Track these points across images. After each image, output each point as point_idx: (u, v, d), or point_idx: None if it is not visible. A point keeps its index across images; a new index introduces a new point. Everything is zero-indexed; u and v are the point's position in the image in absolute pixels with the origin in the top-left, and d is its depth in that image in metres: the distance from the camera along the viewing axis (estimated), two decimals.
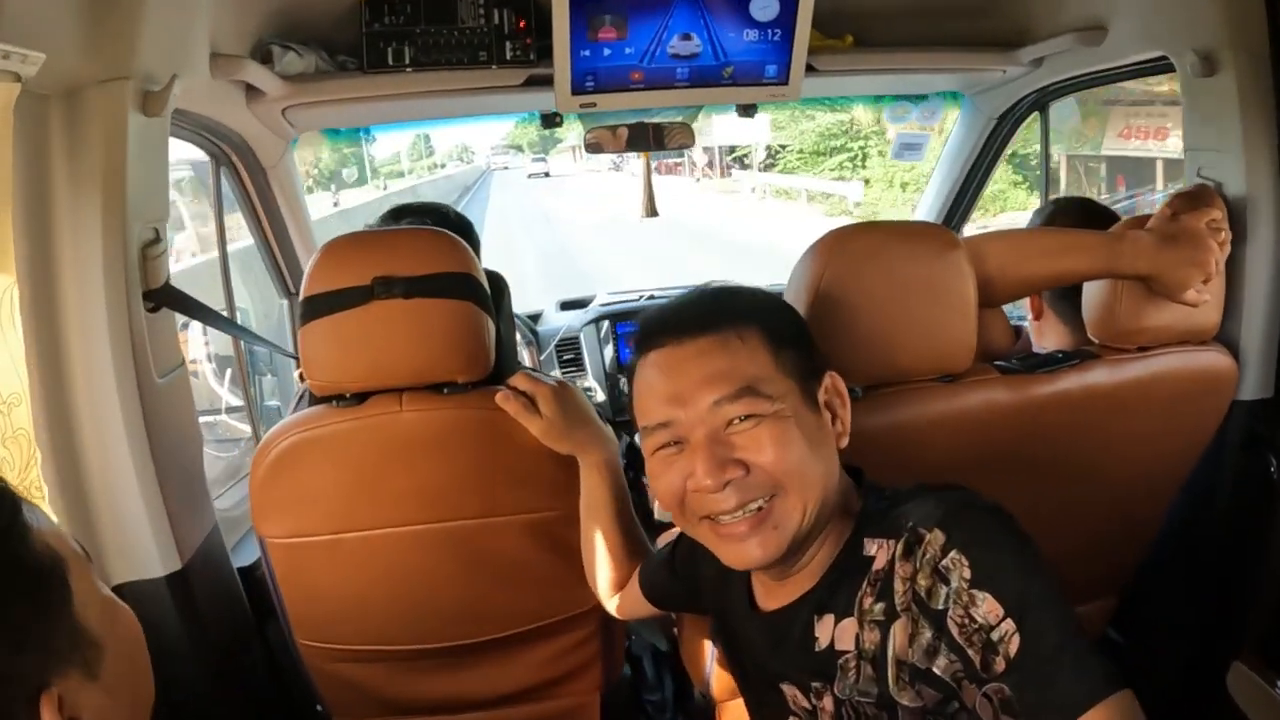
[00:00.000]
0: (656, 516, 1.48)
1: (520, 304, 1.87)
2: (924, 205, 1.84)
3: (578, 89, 1.19)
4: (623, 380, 1.67)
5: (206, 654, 0.98)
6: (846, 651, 0.60)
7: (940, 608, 0.54)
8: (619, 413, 1.64)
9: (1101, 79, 1.41)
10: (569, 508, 0.92)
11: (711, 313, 0.64)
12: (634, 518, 0.93)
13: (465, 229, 1.17)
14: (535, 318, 1.84)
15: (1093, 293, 1.01)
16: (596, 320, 1.73)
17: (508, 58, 1.21)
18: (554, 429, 0.84)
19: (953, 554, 0.54)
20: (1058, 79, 1.44)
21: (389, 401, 0.85)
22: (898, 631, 0.57)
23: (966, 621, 0.53)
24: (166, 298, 0.90)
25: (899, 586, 0.57)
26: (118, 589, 0.90)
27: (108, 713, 0.44)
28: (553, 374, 0.98)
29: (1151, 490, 1.16)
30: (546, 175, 19.27)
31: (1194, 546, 1.28)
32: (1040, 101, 1.55)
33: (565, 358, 1.72)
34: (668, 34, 1.18)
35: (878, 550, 0.60)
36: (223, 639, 1.02)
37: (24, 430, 0.70)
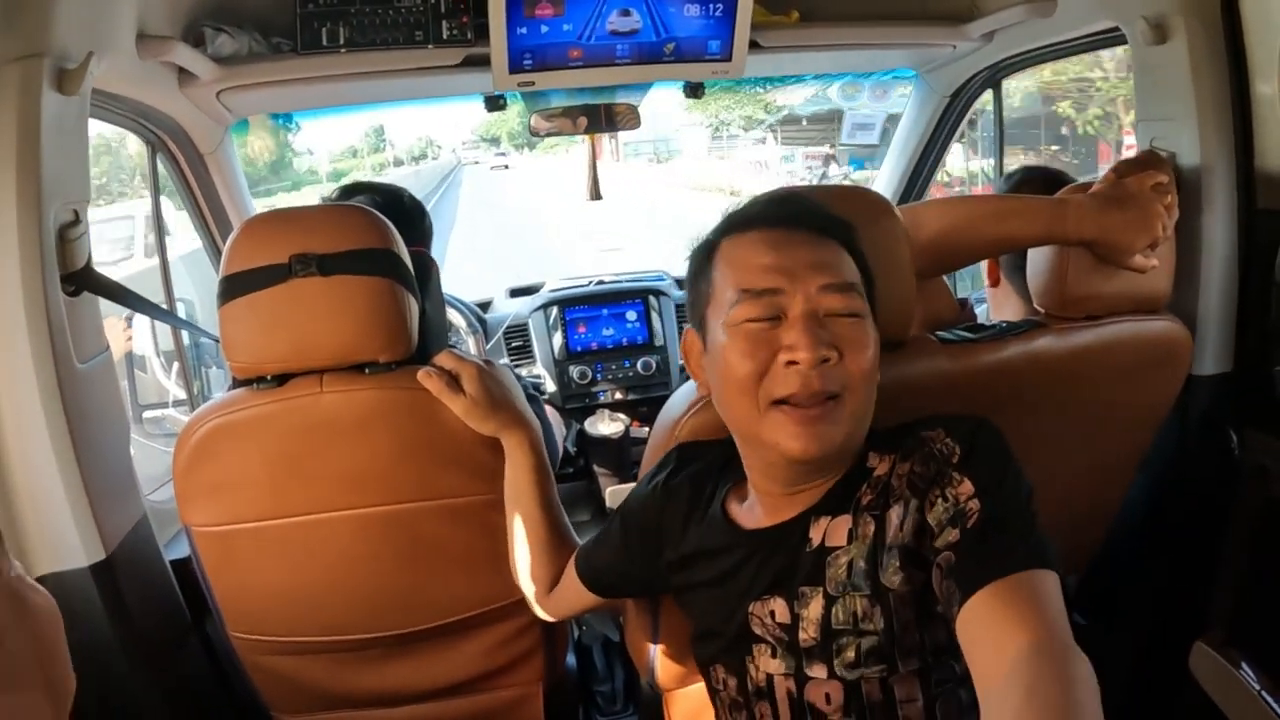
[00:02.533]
0: (609, 505, 1.51)
1: (474, 291, 1.91)
2: (878, 187, 1.88)
3: (515, 68, 1.22)
4: (572, 367, 1.71)
5: (138, 649, 0.99)
6: (837, 547, 0.65)
7: (927, 486, 0.62)
8: (569, 400, 1.67)
9: (1053, 53, 1.45)
10: (498, 492, 0.94)
11: (824, 218, 0.70)
12: (560, 506, 0.95)
13: (418, 213, 1.20)
14: (485, 306, 1.87)
15: (1038, 261, 1.03)
16: (545, 306, 1.76)
17: (444, 37, 1.24)
18: (477, 408, 0.86)
19: (948, 440, 0.63)
20: (1009, 54, 1.48)
21: (310, 383, 0.88)
22: (892, 516, 0.63)
23: (946, 499, 0.61)
24: (87, 281, 0.92)
25: (895, 483, 0.64)
26: (40, 580, 0.92)
27: (5, 709, 0.42)
28: (501, 361, 1.01)
29: (1110, 466, 1.18)
30: (506, 168, 20.94)
31: (1156, 525, 1.32)
32: (993, 78, 1.59)
33: (514, 345, 1.75)
34: (606, 9, 1.21)
35: (879, 462, 0.67)
36: (155, 632, 1.03)
37: None
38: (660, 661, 1.03)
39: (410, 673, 1.05)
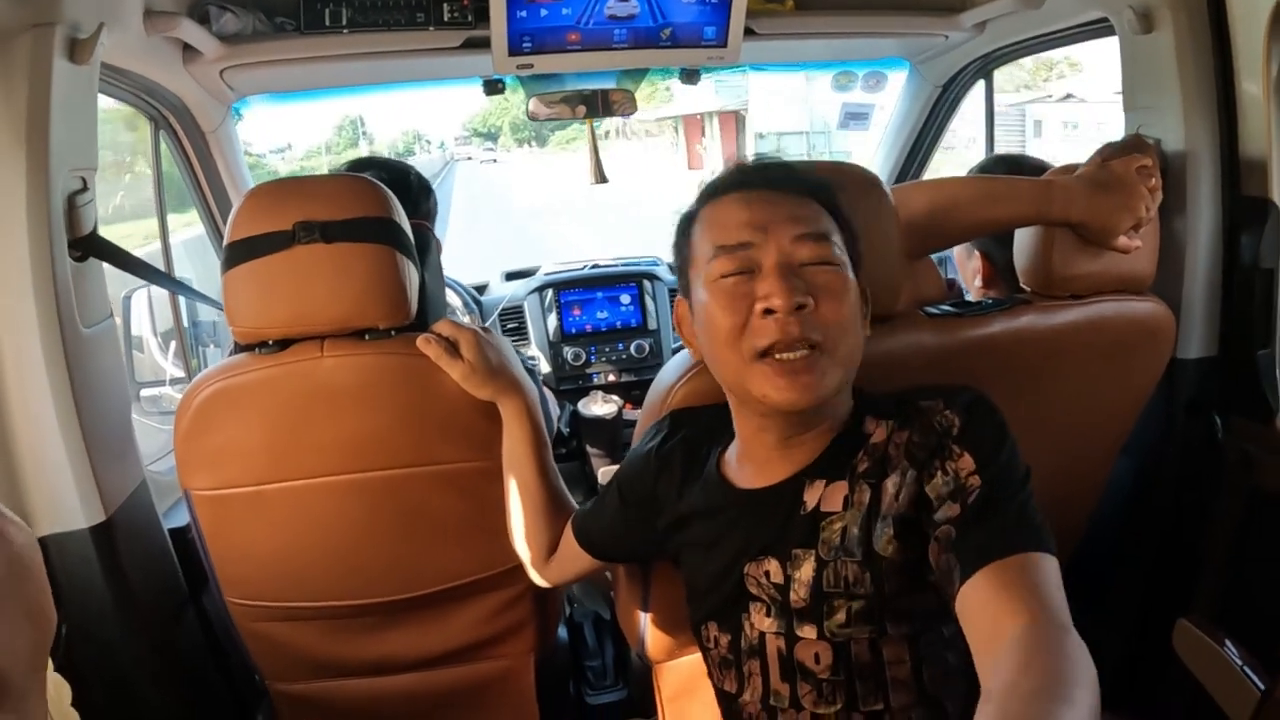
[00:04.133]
0: (601, 485, 1.54)
1: (470, 276, 1.94)
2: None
3: (515, 50, 1.26)
4: (567, 349, 1.75)
5: (136, 614, 1.02)
6: (832, 513, 0.68)
7: (927, 458, 0.65)
8: (563, 381, 1.71)
9: (1043, 44, 1.49)
10: (492, 460, 0.97)
11: (803, 178, 0.73)
12: (556, 472, 0.98)
13: (424, 192, 1.24)
14: (481, 289, 1.91)
15: (1024, 241, 1.06)
16: (540, 289, 1.81)
17: (445, 19, 1.27)
18: (475, 374, 0.90)
19: (948, 413, 0.66)
20: (1000, 45, 1.53)
21: (310, 348, 0.91)
22: (889, 486, 0.66)
23: (946, 473, 0.63)
24: (93, 247, 0.96)
25: (893, 452, 0.67)
26: (40, 541, 0.95)
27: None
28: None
29: (1095, 446, 1.21)
30: (495, 161, 21.92)
31: (1141, 507, 1.35)
32: (984, 69, 1.64)
33: (509, 327, 1.79)
34: None
35: (876, 428, 0.69)
36: (153, 599, 1.06)
37: None
38: (650, 633, 1.07)
39: (404, 641, 1.09)
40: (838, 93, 1.76)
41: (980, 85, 1.74)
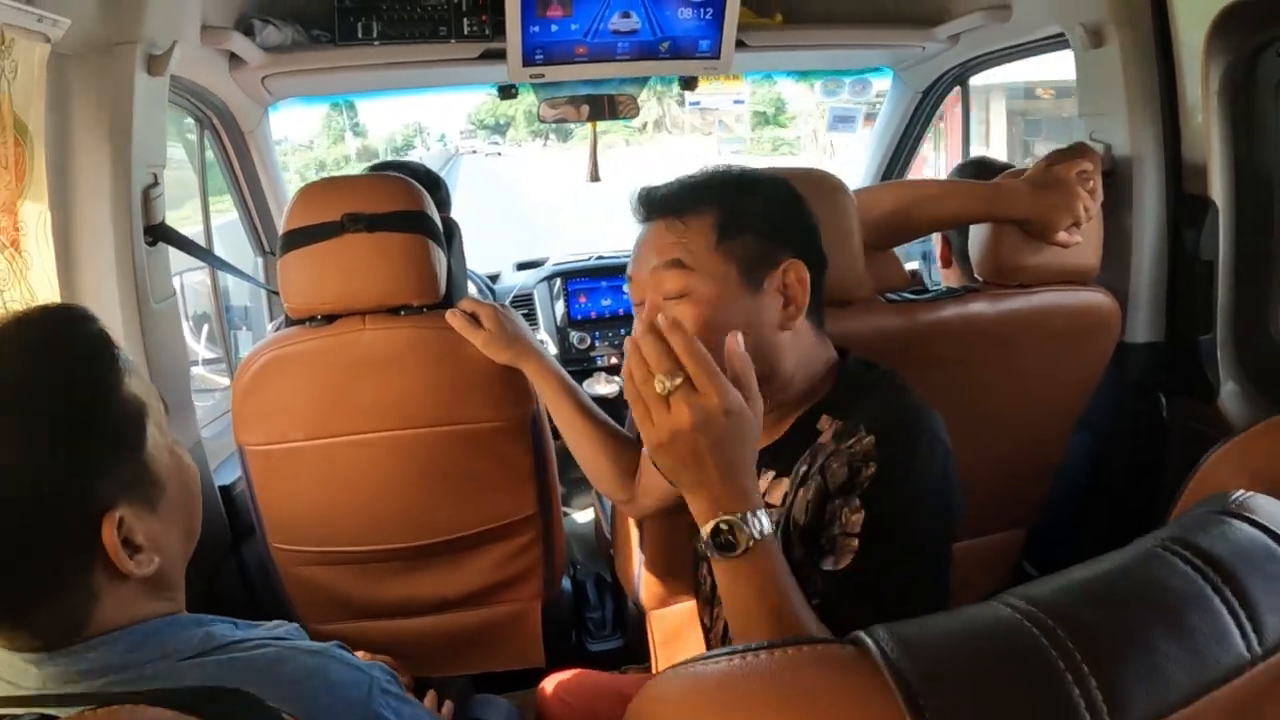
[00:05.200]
0: None
1: (483, 264, 2.11)
2: (859, 177, 2.09)
3: (528, 61, 1.43)
4: (573, 334, 1.92)
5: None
6: (773, 506, 0.75)
7: (833, 492, 0.68)
8: (569, 363, 1.88)
9: (1011, 55, 1.65)
10: (509, 420, 1.14)
11: (674, 197, 0.78)
12: (597, 407, 1.11)
13: (433, 184, 1.41)
14: (494, 278, 2.08)
15: (978, 235, 1.22)
16: (549, 278, 1.98)
17: (465, 33, 1.44)
18: (494, 341, 1.06)
19: (871, 465, 0.67)
20: (974, 55, 1.69)
21: (354, 322, 1.08)
22: (803, 494, 0.72)
23: (838, 517, 0.67)
24: (163, 234, 1.13)
25: (820, 460, 0.71)
26: None
27: (158, 538, 0.56)
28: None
29: (1050, 421, 1.36)
30: (499, 154, 22.30)
31: (1098, 480, 1.50)
32: (961, 76, 1.80)
33: (520, 313, 1.94)
34: (609, 11, 1.42)
35: (827, 426, 0.74)
36: (202, 547, 1.23)
37: None
38: (645, 583, 1.23)
39: (426, 584, 1.25)
40: (826, 98, 1.92)
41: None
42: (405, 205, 1.05)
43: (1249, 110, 1.32)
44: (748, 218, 0.76)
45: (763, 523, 0.61)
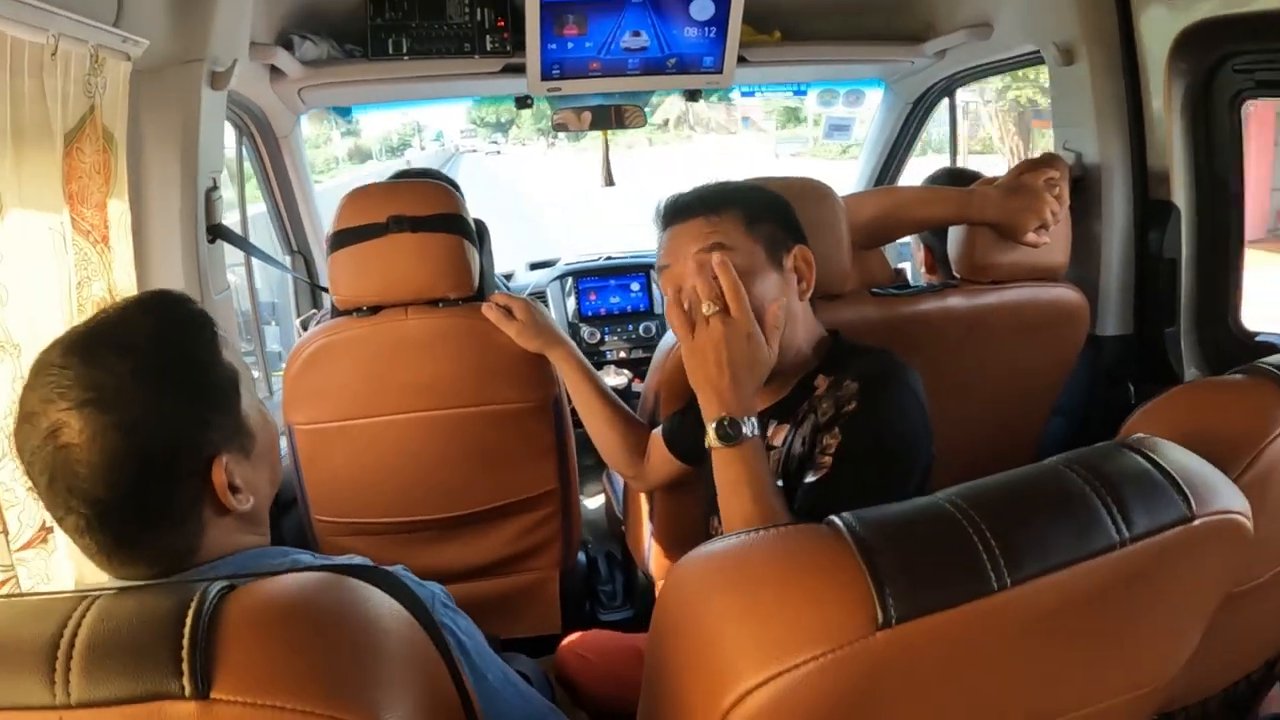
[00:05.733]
0: None
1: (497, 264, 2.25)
2: (856, 178, 2.24)
3: (546, 76, 1.57)
4: (584, 329, 2.06)
5: None
6: (774, 447, 0.92)
7: (821, 426, 0.83)
8: None
9: (993, 69, 1.81)
10: (534, 401, 1.27)
11: (703, 198, 0.94)
12: (612, 392, 1.26)
13: (455, 189, 1.55)
14: (508, 276, 2.23)
15: (954, 237, 1.36)
16: (561, 277, 2.13)
17: (488, 49, 1.59)
18: (526, 330, 1.20)
19: (853, 403, 0.82)
20: (960, 69, 1.84)
21: (397, 313, 1.21)
22: (799, 432, 0.88)
23: (819, 443, 0.82)
24: (221, 232, 1.27)
25: (817, 405, 0.87)
26: None
27: (251, 481, 0.66)
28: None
29: (1027, 405, 1.50)
30: (499, 153, 22.55)
31: None
32: (949, 88, 1.95)
33: (525, 297, 2.10)
34: (621, 31, 1.56)
35: (823, 383, 0.90)
36: None
37: None
38: (654, 554, 1.37)
39: (454, 553, 1.39)
40: (822, 108, 2.07)
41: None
42: (444, 208, 1.19)
43: (1208, 122, 1.48)
44: (765, 210, 0.94)
45: (754, 426, 0.81)
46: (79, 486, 0.56)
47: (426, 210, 1.18)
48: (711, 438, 0.82)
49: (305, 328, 1.77)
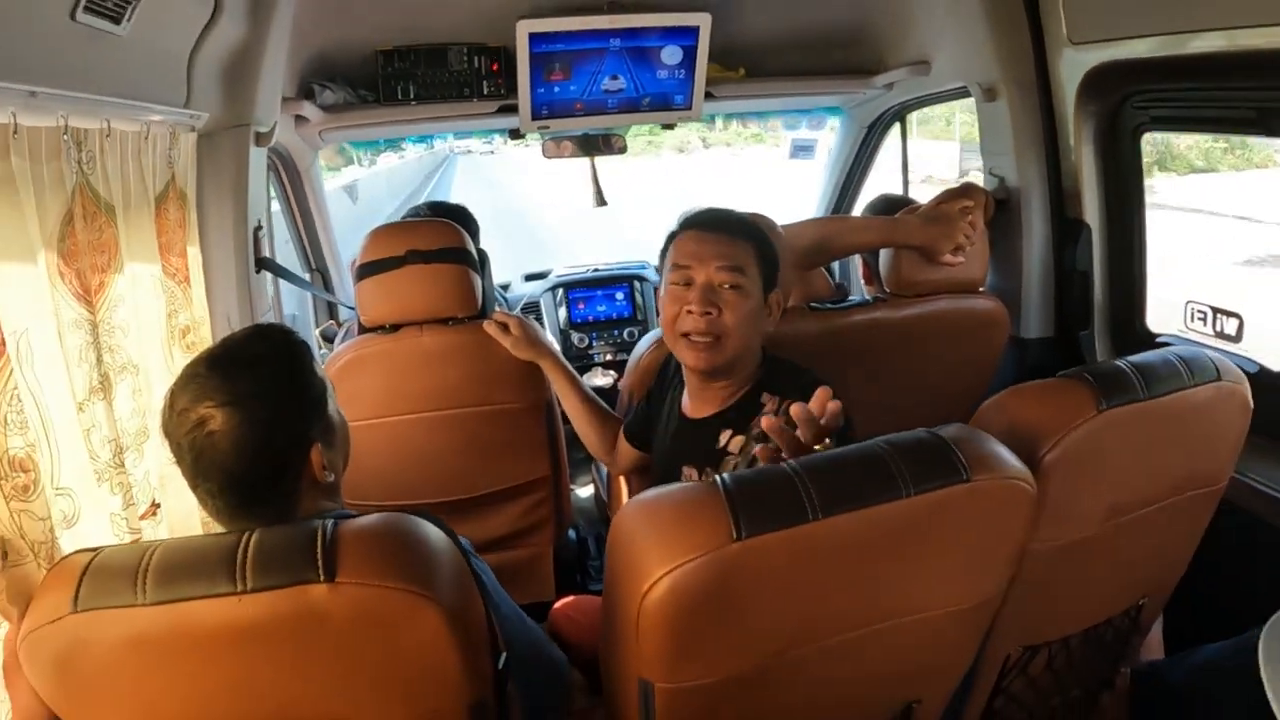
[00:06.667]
0: None
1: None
2: (817, 197, 2.56)
3: (535, 116, 1.87)
4: (574, 335, 2.38)
5: None
6: (732, 453, 1.16)
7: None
8: (571, 360, 2.31)
9: (935, 100, 2.11)
10: (527, 402, 1.59)
11: (736, 224, 1.19)
12: (592, 394, 1.57)
13: (468, 218, 1.86)
14: (505, 287, 2.55)
15: (884, 257, 1.66)
16: (553, 288, 2.45)
17: (484, 93, 1.89)
18: (520, 343, 1.50)
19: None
20: (907, 98, 2.14)
21: (413, 331, 1.52)
22: (756, 445, 1.13)
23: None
24: (266, 264, 1.58)
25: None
26: None
27: (334, 462, 0.91)
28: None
29: (954, 405, 1.75)
30: (492, 153, 22.88)
31: None
32: (900, 113, 2.25)
33: (521, 315, 2.41)
34: (601, 76, 1.86)
35: (769, 400, 1.16)
36: None
37: (207, 340, 1.37)
38: None
39: (462, 530, 1.64)
40: (787, 131, 2.37)
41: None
42: (453, 243, 1.50)
43: (1114, 151, 1.77)
44: (770, 253, 1.20)
45: None
46: (218, 462, 0.84)
47: (438, 244, 1.49)
48: None
49: (325, 338, 2.09)
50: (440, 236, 1.49)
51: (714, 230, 1.19)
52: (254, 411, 0.84)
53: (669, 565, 0.74)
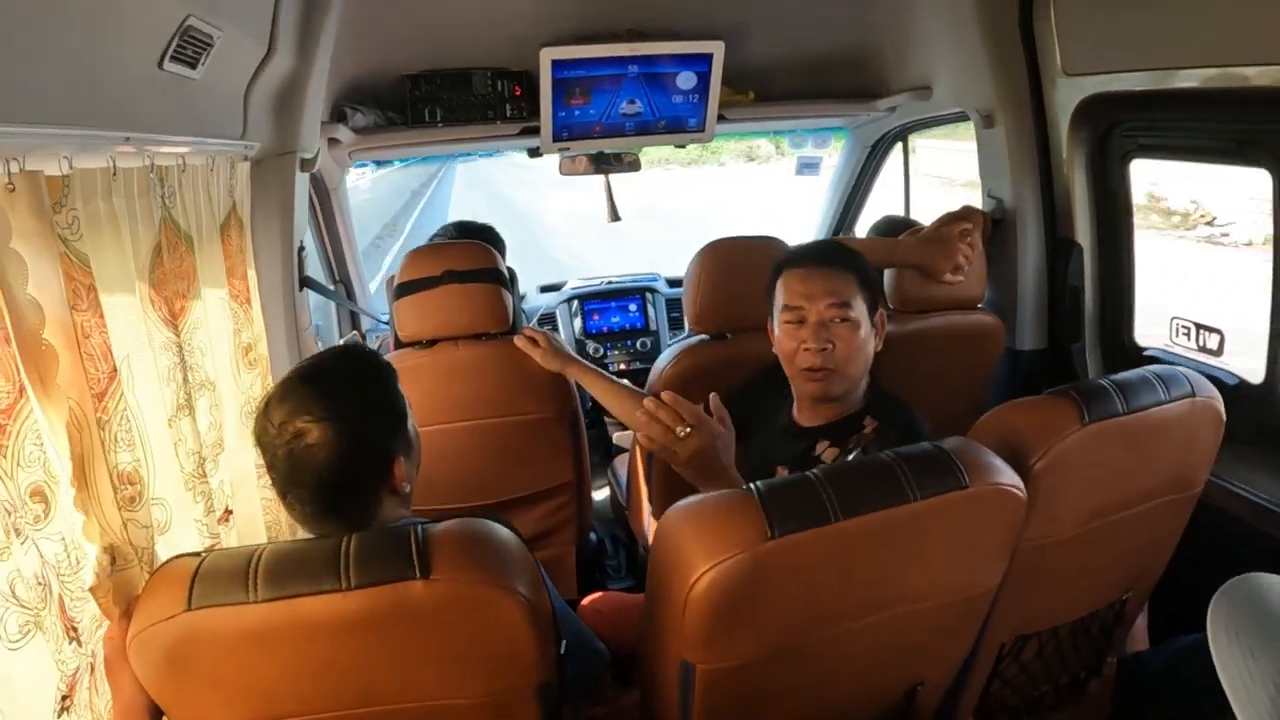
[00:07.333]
0: (614, 444, 2.33)
1: None
2: (821, 213, 2.72)
3: (556, 138, 2.02)
4: (589, 344, 2.53)
5: None
6: (824, 462, 1.26)
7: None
8: None
9: (936, 123, 2.26)
10: (553, 411, 1.73)
11: (837, 257, 1.29)
12: (626, 384, 1.69)
13: (492, 238, 2.00)
14: (521, 298, 2.69)
15: (888, 276, 1.83)
16: (568, 300, 2.60)
17: (507, 116, 2.03)
18: (549, 355, 1.65)
19: (890, 437, 1.21)
20: (909, 119, 2.30)
21: (449, 346, 1.66)
22: (843, 459, 1.24)
23: None
24: (309, 283, 1.72)
25: (865, 444, 1.23)
26: None
27: (410, 474, 1.02)
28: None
29: (954, 411, 1.94)
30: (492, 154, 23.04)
31: None
32: (901, 135, 2.41)
33: (545, 328, 2.56)
34: (619, 100, 2.01)
35: (869, 425, 1.27)
36: None
37: (264, 356, 1.51)
38: (651, 531, 1.83)
39: None
40: (794, 149, 2.53)
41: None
42: (486, 264, 1.64)
43: (1103, 175, 1.93)
44: (869, 281, 1.31)
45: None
46: (312, 469, 0.95)
47: (472, 265, 1.63)
48: None
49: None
50: (475, 257, 1.64)
51: (818, 266, 1.29)
52: (347, 426, 0.96)
53: (712, 561, 0.89)
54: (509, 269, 1.77)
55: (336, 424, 0.95)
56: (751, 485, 0.94)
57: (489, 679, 0.91)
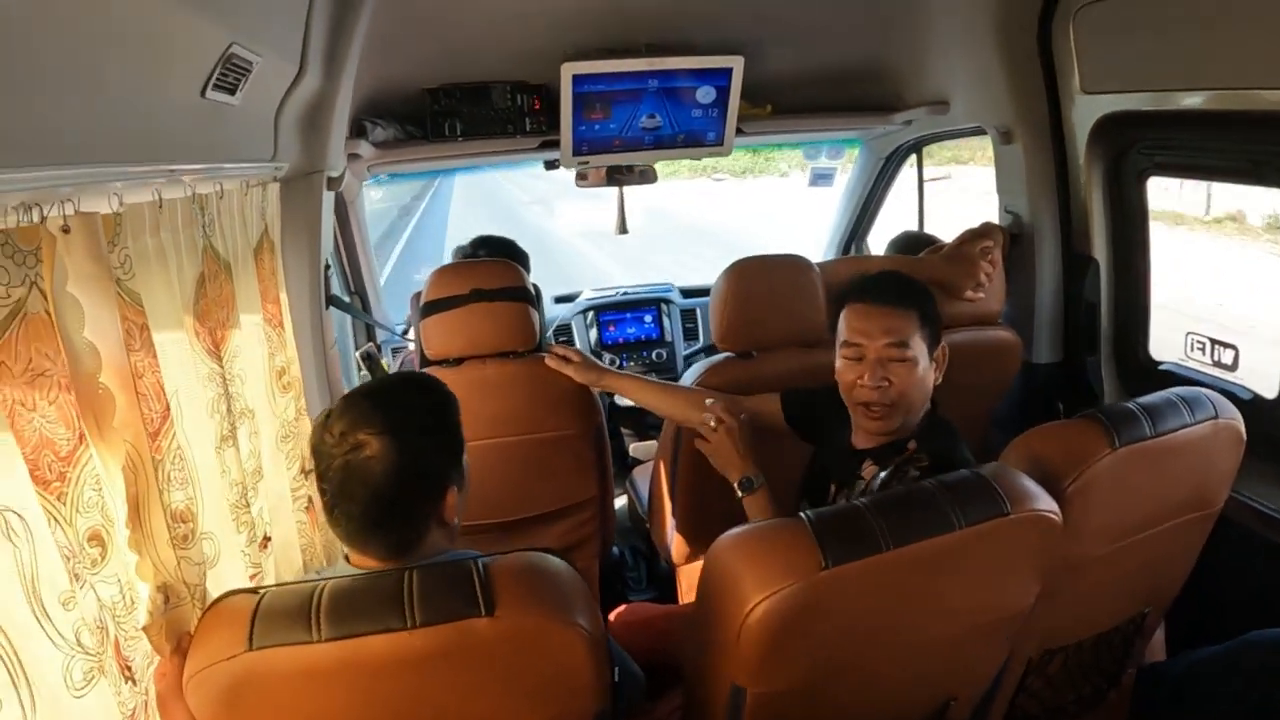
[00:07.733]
0: (631, 455, 2.37)
1: None
2: (833, 224, 2.76)
3: (576, 152, 2.04)
4: (605, 356, 2.56)
5: None
6: (864, 479, 1.31)
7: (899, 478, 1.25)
8: None
9: (951, 136, 2.31)
10: (580, 429, 1.77)
11: (899, 292, 1.30)
12: (667, 384, 1.71)
13: (516, 254, 2.01)
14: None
15: None
16: (584, 311, 2.63)
17: (527, 129, 2.05)
18: (582, 369, 1.68)
19: (925, 465, 1.25)
20: (925, 133, 2.34)
21: (477, 363, 1.69)
22: (884, 476, 1.28)
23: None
24: (334, 301, 1.74)
25: (901, 464, 1.27)
26: None
27: (459, 506, 1.03)
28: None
29: (973, 419, 2.01)
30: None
31: None
32: (915, 148, 2.45)
33: (560, 339, 2.60)
34: (638, 115, 2.03)
35: (914, 447, 1.29)
36: None
37: (298, 378, 1.53)
38: (675, 544, 1.87)
39: (518, 547, 1.87)
40: (808, 160, 2.56)
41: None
42: (513, 282, 1.67)
43: (1119, 192, 1.98)
44: (930, 316, 1.32)
45: (760, 478, 1.40)
46: (366, 481, 0.96)
47: (499, 284, 1.66)
48: (739, 491, 1.41)
49: (366, 357, 2.25)
50: (501, 276, 1.66)
51: (880, 303, 1.31)
52: (407, 444, 0.97)
53: (768, 590, 0.93)
54: (534, 285, 1.80)
55: (396, 440, 0.97)
56: (803, 514, 0.98)
57: (549, 711, 0.95)
